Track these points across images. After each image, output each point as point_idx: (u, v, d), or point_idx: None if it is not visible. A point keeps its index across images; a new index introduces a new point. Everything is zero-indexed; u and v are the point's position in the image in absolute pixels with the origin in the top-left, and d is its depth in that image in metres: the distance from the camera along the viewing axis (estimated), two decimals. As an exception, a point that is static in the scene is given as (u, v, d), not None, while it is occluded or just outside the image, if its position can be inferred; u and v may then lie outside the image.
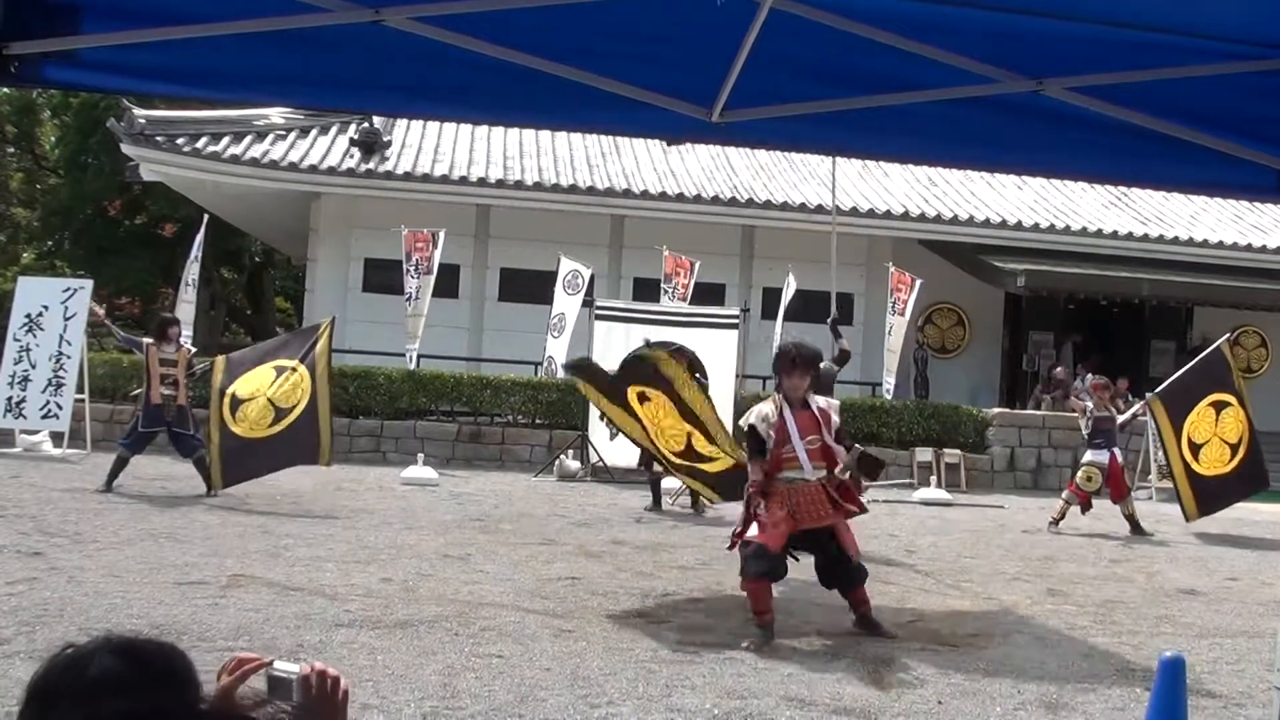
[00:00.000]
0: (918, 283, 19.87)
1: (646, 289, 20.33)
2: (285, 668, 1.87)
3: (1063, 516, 13.60)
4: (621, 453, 16.52)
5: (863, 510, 7.60)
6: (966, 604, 8.82)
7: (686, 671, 6.36)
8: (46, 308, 15.95)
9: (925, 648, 7.27)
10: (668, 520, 12.55)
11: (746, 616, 7.54)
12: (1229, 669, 7.15)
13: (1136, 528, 13.46)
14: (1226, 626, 8.51)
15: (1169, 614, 8.88)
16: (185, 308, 19.38)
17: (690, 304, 18.50)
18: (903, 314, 19.79)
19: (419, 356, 18.55)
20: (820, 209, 21.75)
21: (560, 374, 18.24)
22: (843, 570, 7.45)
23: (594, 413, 16.59)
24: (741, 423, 7.61)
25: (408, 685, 5.81)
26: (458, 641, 6.75)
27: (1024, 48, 3.35)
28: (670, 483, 14.92)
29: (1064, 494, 13.94)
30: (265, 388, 12.35)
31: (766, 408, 7.46)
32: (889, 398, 19.70)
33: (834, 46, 3.30)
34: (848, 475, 7.40)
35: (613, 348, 16.89)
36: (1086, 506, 13.70)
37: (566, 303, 18.41)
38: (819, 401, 7.49)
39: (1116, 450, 13.84)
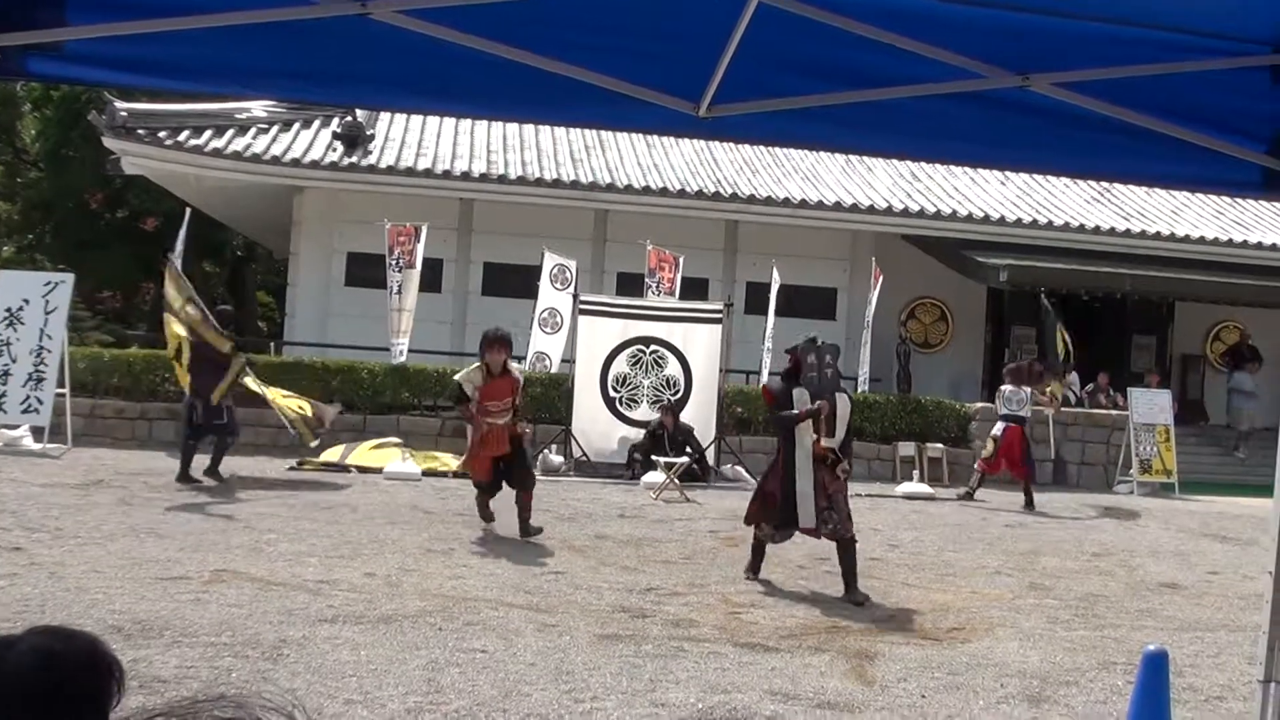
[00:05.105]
0: (880, 277, 19.94)
1: (630, 284, 20.30)
2: None
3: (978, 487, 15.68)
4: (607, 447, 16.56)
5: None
6: (949, 598, 8.85)
7: (670, 666, 6.37)
8: (27, 301, 15.84)
9: (908, 642, 7.31)
10: (652, 515, 12.55)
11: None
12: (1210, 662, 7.20)
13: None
14: (1208, 620, 8.57)
15: (1151, 608, 8.93)
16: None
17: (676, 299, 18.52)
18: (871, 307, 19.89)
19: (399, 351, 18.47)
20: (803, 204, 21.79)
21: (554, 369, 18.22)
22: (516, 476, 10.51)
23: (578, 408, 16.62)
24: (457, 377, 10.89)
25: (392, 680, 5.80)
26: (441, 636, 6.75)
27: (1010, 43, 3.36)
28: (652, 478, 14.95)
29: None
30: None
31: (475, 375, 10.44)
32: (865, 390, 19.75)
33: (821, 41, 3.30)
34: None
35: (597, 342, 16.94)
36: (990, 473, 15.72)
37: (557, 298, 18.37)
38: (515, 372, 10.72)
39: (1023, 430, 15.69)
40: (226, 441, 13.18)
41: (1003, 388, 16.14)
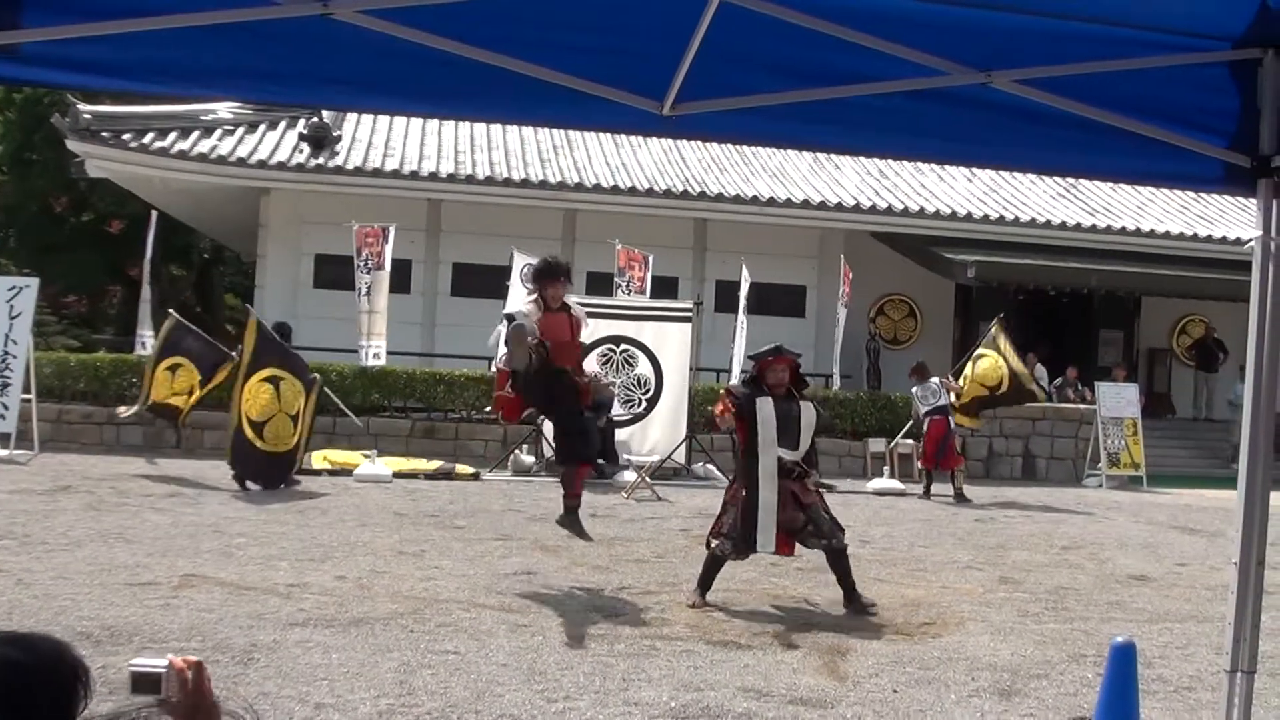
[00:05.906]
0: (851, 275, 20.02)
1: (600, 283, 20.29)
2: (147, 662, 1.84)
3: (929, 484, 16.18)
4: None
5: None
6: (920, 593, 8.88)
7: (643, 665, 6.37)
8: (-9, 307, 15.70)
9: (880, 637, 7.33)
10: (623, 514, 12.54)
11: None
12: (1179, 653, 7.25)
13: (960, 495, 15.63)
14: (1176, 612, 8.63)
15: (1120, 600, 8.99)
16: (144, 306, 19.30)
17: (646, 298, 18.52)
18: (845, 305, 19.95)
19: (374, 354, 18.37)
20: (772, 202, 21.83)
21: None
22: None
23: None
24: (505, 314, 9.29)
25: (363, 683, 5.78)
26: (413, 638, 6.72)
27: (973, 40, 3.38)
28: (626, 476, 14.95)
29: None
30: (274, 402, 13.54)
31: (532, 309, 8.82)
32: (836, 387, 19.82)
33: (785, 40, 3.31)
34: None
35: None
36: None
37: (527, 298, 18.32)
38: (575, 308, 9.06)
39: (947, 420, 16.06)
40: None
41: (913, 390, 16.33)
